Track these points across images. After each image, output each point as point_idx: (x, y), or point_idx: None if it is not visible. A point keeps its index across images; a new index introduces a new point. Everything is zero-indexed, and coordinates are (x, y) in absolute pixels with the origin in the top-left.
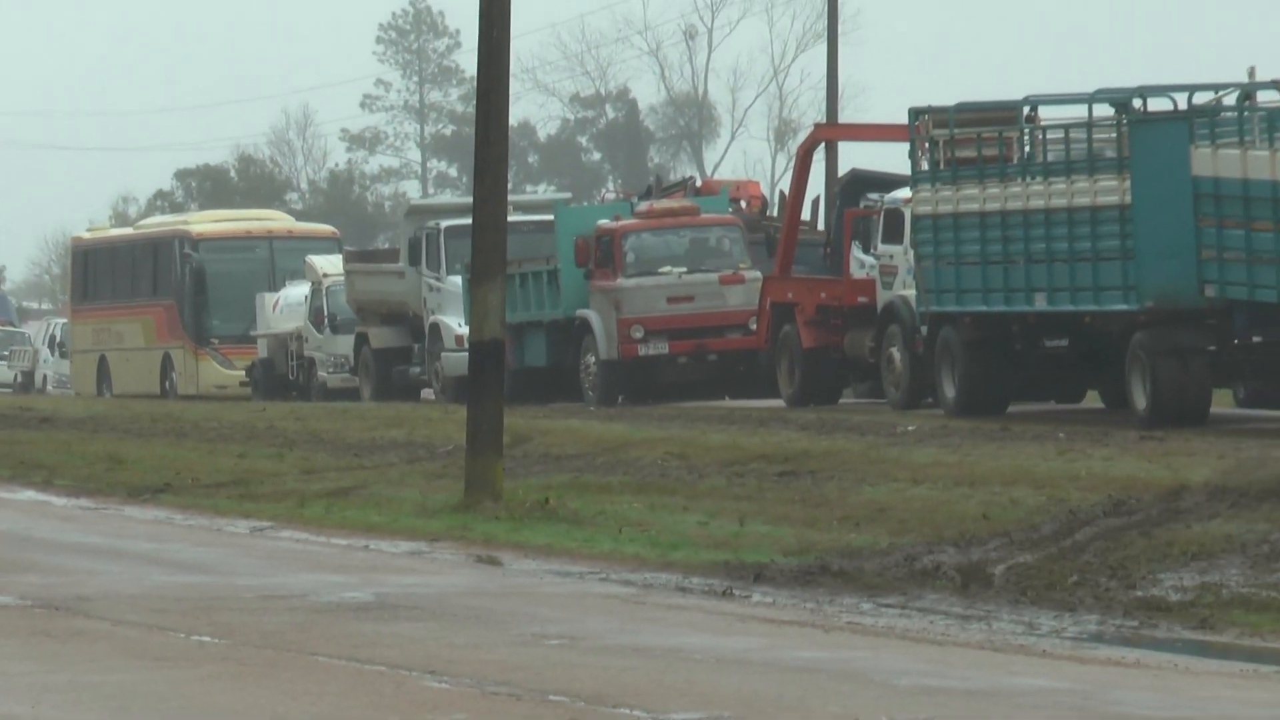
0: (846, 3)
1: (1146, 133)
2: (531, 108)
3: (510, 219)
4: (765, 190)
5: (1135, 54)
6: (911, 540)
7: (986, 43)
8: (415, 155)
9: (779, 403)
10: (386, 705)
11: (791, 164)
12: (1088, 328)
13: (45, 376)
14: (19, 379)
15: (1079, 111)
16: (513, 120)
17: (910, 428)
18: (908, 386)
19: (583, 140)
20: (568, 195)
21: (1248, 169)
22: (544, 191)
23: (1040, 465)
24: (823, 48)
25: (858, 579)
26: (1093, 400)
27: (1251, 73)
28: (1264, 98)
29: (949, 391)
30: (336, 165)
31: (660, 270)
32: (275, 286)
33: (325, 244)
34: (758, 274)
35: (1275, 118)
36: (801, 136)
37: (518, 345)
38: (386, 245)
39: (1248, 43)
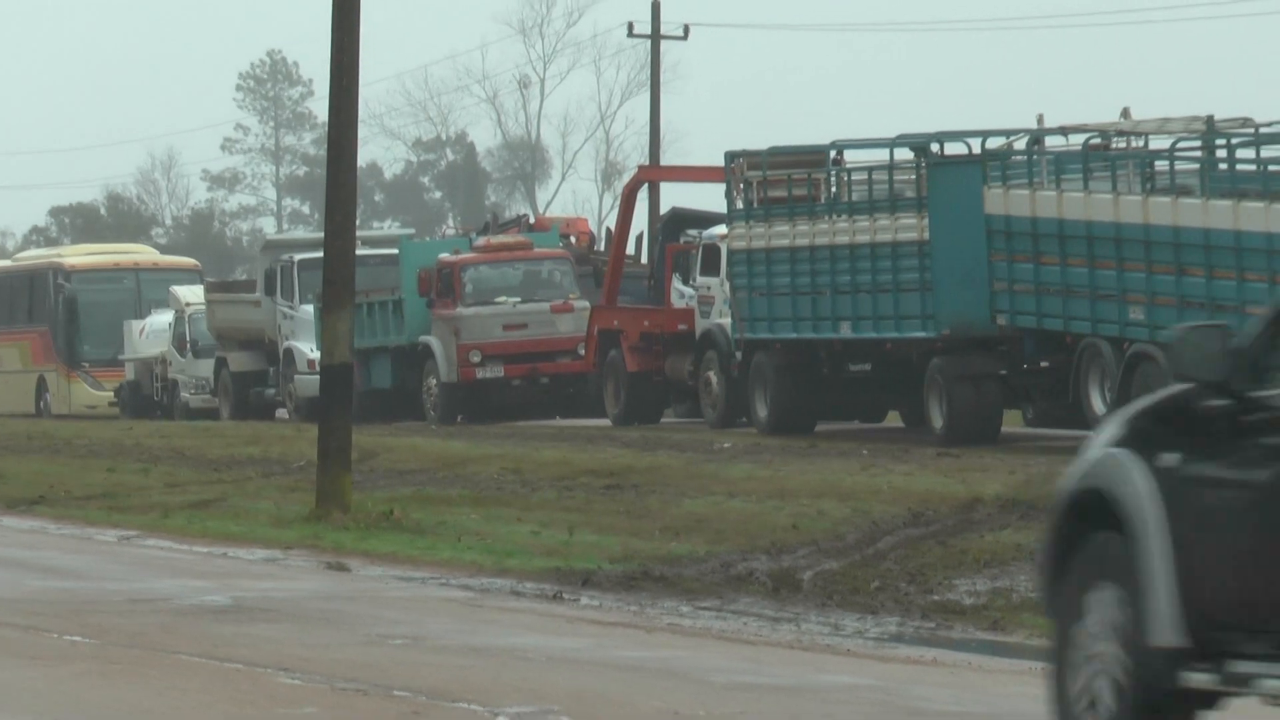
0: (667, 54)
1: (943, 174)
2: (378, 150)
3: (358, 253)
4: (593, 227)
5: (935, 100)
6: (727, 549)
7: (797, 91)
8: (271, 194)
9: (605, 422)
10: (244, 700)
11: (617, 203)
12: (889, 353)
13: None
14: None
15: (881, 155)
16: (361, 162)
17: (726, 445)
18: (724, 407)
19: (425, 180)
20: (411, 231)
21: (1036, 208)
22: (390, 227)
23: (845, 480)
24: (646, 96)
25: (678, 584)
26: (893, 420)
27: (1040, 119)
28: (1051, 142)
29: (762, 412)
30: (198, 203)
31: (496, 300)
32: (142, 314)
33: (188, 275)
34: (586, 303)
35: (1062, 161)
36: (626, 178)
37: (365, 369)
38: (244, 276)
39: (1038, 91)
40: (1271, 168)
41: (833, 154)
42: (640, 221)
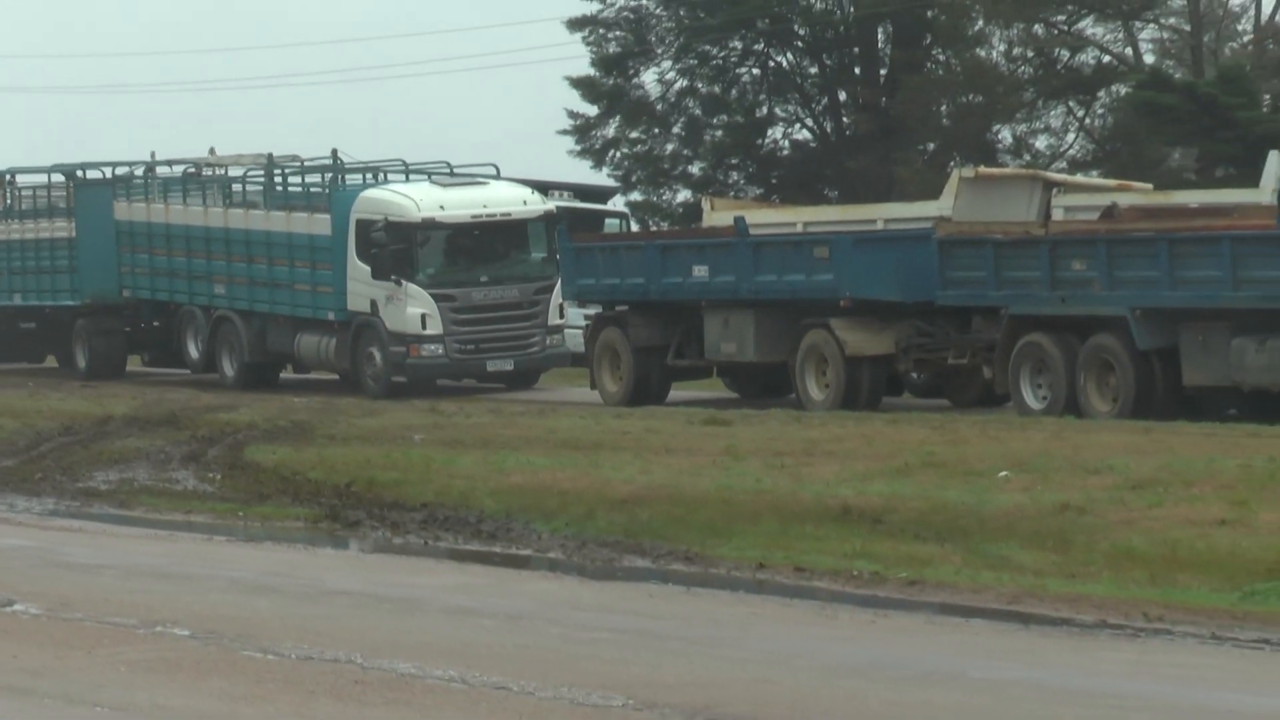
0: None
1: (86, 192)
2: None
3: None
4: None
5: (82, 141)
6: None
7: None
8: None
9: None
10: None
11: None
12: (49, 315)
13: None
14: None
15: (43, 178)
16: None
17: None
18: None
19: None
20: None
21: (150, 216)
22: None
23: (17, 403)
24: None
25: None
26: (51, 362)
27: (153, 154)
28: (162, 171)
29: None
30: None
31: None
32: None
33: None
34: None
35: (168, 183)
36: None
37: None
38: None
39: (155, 133)
40: (313, 189)
41: (8, 176)
42: None
